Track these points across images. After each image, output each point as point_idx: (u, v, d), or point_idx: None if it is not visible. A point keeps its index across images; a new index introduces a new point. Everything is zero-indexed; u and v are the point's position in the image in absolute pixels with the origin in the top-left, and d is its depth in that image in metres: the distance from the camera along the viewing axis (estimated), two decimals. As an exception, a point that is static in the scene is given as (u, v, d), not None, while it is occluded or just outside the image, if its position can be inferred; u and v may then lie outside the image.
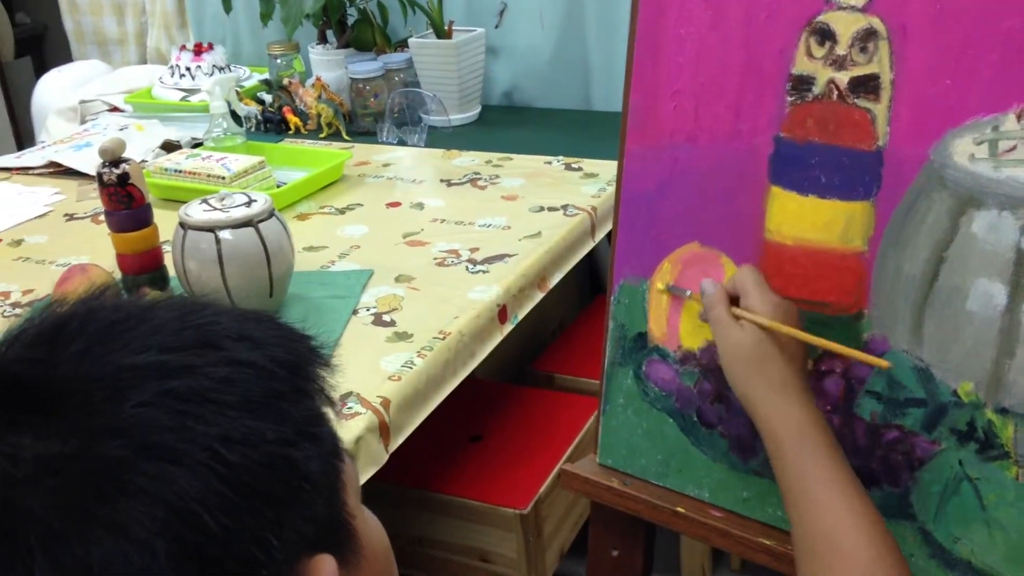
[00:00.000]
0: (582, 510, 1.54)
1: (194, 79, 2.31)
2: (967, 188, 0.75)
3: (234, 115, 2.04)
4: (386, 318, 1.32)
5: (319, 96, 2.11)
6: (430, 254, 1.50)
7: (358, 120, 2.12)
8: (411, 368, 1.20)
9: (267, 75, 2.25)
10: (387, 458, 1.13)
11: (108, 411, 0.41)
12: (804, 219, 0.85)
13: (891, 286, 0.81)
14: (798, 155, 0.84)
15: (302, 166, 1.84)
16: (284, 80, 2.17)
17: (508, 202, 1.69)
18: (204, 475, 0.41)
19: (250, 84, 2.29)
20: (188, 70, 2.31)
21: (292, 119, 2.12)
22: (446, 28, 2.09)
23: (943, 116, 0.76)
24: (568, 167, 1.83)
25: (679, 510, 0.95)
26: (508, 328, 1.37)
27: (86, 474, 0.40)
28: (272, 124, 2.16)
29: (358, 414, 1.11)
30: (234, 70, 2.38)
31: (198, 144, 2.02)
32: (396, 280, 1.42)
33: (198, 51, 2.35)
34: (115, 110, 2.34)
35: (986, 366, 0.76)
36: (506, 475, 1.50)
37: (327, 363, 0.50)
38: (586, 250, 1.61)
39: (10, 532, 0.39)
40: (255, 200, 1.29)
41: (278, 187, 1.73)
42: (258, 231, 1.26)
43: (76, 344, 0.44)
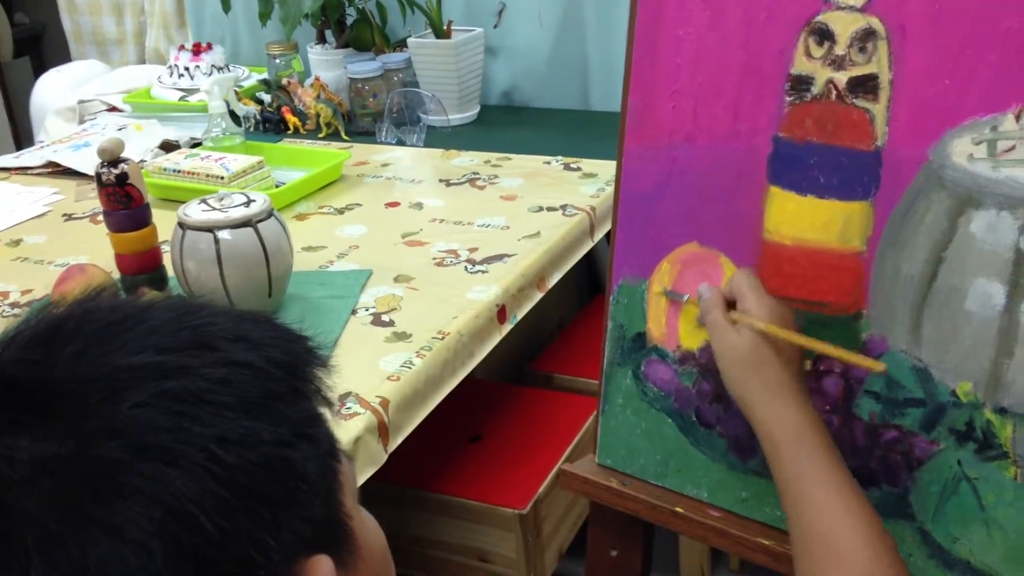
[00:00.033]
0: (581, 510, 1.54)
1: (193, 79, 2.31)
2: (966, 188, 0.75)
3: (233, 115, 2.04)
4: (385, 318, 1.32)
5: (318, 96, 2.11)
6: (429, 254, 1.50)
7: (357, 120, 2.12)
8: (410, 368, 1.20)
9: (266, 75, 2.25)
10: (386, 458, 1.13)
11: (104, 412, 0.41)
12: (803, 219, 0.85)
13: (890, 286, 0.81)
14: (797, 155, 0.84)
15: (301, 166, 1.84)
16: (283, 80, 2.17)
17: (507, 202, 1.69)
18: (200, 476, 0.41)
19: (249, 84, 2.29)
20: (187, 70, 2.31)
21: (291, 119, 2.12)
22: (445, 28, 2.09)
23: (942, 116, 0.76)
24: (567, 167, 1.83)
25: (678, 510, 0.95)
26: (507, 328, 1.37)
27: (82, 475, 0.40)
28: (271, 124, 2.16)
29: (357, 414, 1.11)
30: (233, 70, 2.38)
31: (197, 144, 2.02)
32: (395, 280, 1.42)
33: (197, 51, 2.35)
34: (114, 110, 2.34)
35: (985, 366, 0.76)
36: (505, 475, 1.50)
37: (324, 364, 0.50)
38: (585, 250, 1.61)
39: (6, 534, 0.39)
40: (254, 200, 1.29)
41: (277, 187, 1.73)
42: (257, 231, 1.26)
43: (72, 345, 0.44)
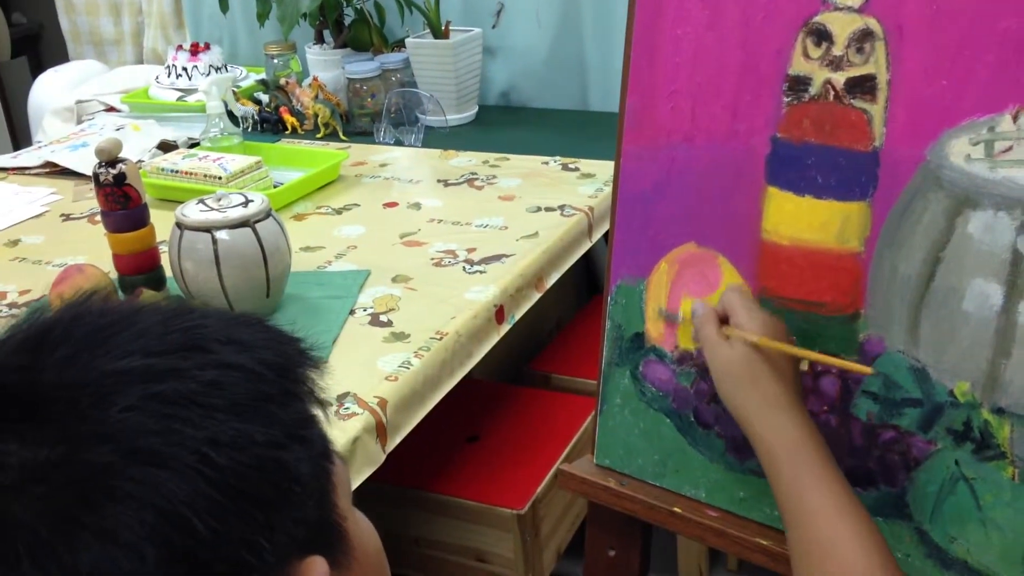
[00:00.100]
0: (579, 510, 1.54)
1: (191, 79, 2.31)
2: (963, 188, 0.75)
3: (231, 115, 2.04)
4: (383, 318, 1.32)
5: (316, 96, 2.11)
6: (427, 254, 1.50)
7: (355, 120, 2.12)
8: (408, 368, 1.20)
9: (264, 75, 2.25)
10: (384, 458, 1.13)
11: (94, 417, 0.41)
12: (800, 219, 0.85)
13: (887, 286, 0.80)
14: (795, 155, 0.84)
15: (299, 166, 1.84)
16: (281, 80, 2.16)
17: (505, 202, 1.69)
18: (192, 479, 0.40)
19: (247, 84, 2.29)
20: (185, 70, 2.31)
21: (289, 119, 2.12)
22: (443, 28, 2.09)
23: (939, 117, 0.76)
24: (565, 167, 1.83)
25: (676, 510, 0.95)
26: (505, 328, 1.37)
27: (73, 480, 0.39)
28: (269, 124, 2.16)
29: (355, 414, 1.11)
30: (231, 70, 2.37)
31: (195, 144, 2.02)
32: (393, 280, 1.42)
33: (195, 51, 2.34)
34: (111, 110, 2.34)
35: (982, 366, 0.76)
36: (503, 475, 1.50)
37: (316, 365, 0.50)
38: (583, 250, 1.60)
39: None
40: (252, 200, 1.28)
41: (275, 187, 1.73)
42: (255, 231, 1.26)
43: (61, 350, 0.44)
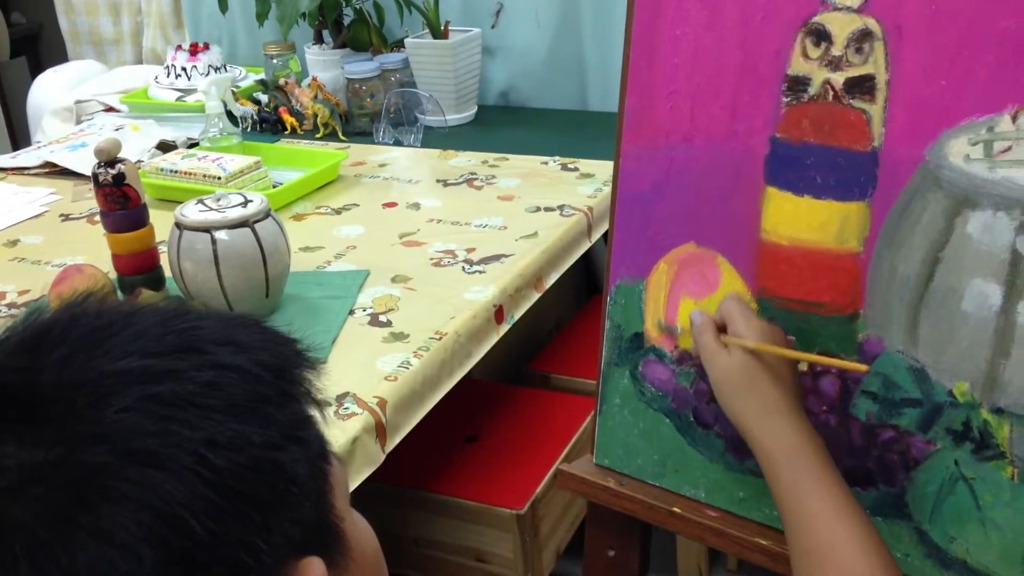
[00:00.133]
0: (579, 510, 1.54)
1: (190, 79, 2.31)
2: (962, 189, 0.75)
3: (230, 115, 2.04)
4: (382, 318, 1.32)
5: (315, 96, 2.11)
6: (426, 254, 1.50)
7: (354, 120, 2.12)
8: (407, 368, 1.20)
9: (263, 75, 2.25)
10: (383, 458, 1.13)
11: (91, 417, 0.41)
12: (800, 219, 0.84)
13: (886, 287, 0.80)
14: (794, 156, 0.84)
15: (298, 166, 1.84)
16: (280, 80, 2.16)
17: (504, 202, 1.69)
18: (189, 480, 0.40)
19: (246, 84, 2.29)
20: (184, 70, 2.31)
21: (288, 119, 2.12)
22: (442, 28, 2.09)
23: (938, 117, 0.76)
24: (564, 167, 1.83)
25: (675, 510, 0.95)
26: (504, 328, 1.37)
27: (70, 481, 0.39)
28: (268, 124, 2.16)
29: (354, 414, 1.11)
30: (230, 70, 2.37)
31: (194, 144, 2.02)
32: (392, 280, 1.42)
33: (194, 51, 2.34)
34: (111, 110, 2.34)
35: (981, 366, 0.76)
36: (503, 475, 1.49)
37: (314, 366, 0.50)
38: (582, 250, 1.60)
39: None
40: (251, 200, 1.28)
41: (274, 187, 1.73)
42: (254, 231, 1.26)
43: (58, 351, 0.44)
